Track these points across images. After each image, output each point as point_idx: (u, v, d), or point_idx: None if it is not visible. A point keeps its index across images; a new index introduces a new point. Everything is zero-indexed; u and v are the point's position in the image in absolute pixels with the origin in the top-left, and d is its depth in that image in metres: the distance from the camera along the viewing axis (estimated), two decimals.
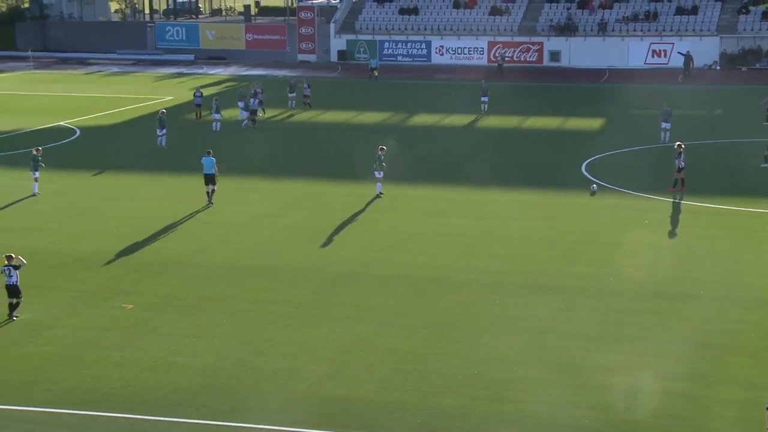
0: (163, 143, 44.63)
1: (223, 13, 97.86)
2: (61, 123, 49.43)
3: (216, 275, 27.11)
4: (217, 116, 49.27)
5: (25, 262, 24.07)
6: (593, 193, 35.26)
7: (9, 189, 36.77)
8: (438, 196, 35.91)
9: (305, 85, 56.80)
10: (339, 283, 26.35)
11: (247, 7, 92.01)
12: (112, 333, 22.94)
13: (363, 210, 33.73)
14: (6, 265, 23.67)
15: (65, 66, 78.62)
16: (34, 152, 36.41)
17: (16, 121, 52.05)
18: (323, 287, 26.10)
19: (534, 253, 28.84)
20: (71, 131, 49.34)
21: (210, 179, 34.22)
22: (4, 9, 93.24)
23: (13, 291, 23.60)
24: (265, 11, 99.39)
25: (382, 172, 34.92)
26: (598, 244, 29.60)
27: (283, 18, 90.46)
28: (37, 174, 35.94)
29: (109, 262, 28.19)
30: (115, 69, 77.32)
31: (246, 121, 49.94)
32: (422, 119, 53.66)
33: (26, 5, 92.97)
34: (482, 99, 54.05)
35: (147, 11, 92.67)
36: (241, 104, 51.20)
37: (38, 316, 23.97)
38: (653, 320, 23.51)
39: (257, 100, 51.38)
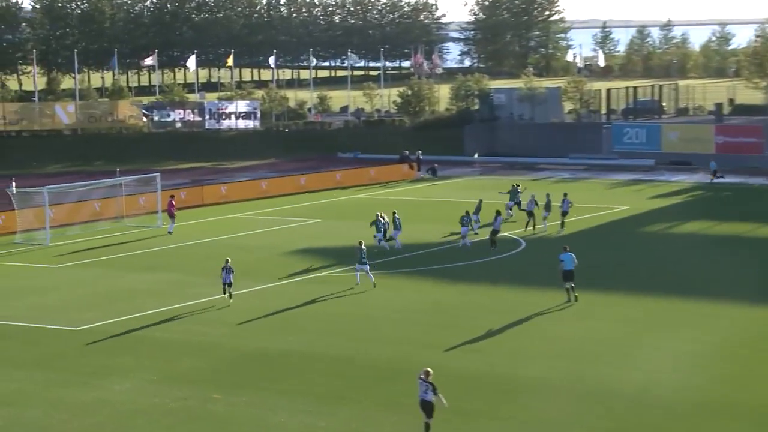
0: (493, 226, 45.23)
1: (691, 112, 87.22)
2: (507, 234, 46.32)
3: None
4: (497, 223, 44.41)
5: (445, 404, 22.62)
6: None
7: None
8: None
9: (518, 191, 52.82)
10: None
11: (718, 105, 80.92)
12: None
13: None
14: (425, 381, 22.65)
15: (512, 171, 72.40)
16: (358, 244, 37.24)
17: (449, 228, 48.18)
18: None
19: None
20: (516, 242, 45.85)
21: (570, 276, 34.08)
22: (454, 111, 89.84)
23: (428, 408, 22.72)
24: (739, 110, 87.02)
25: None
26: None
27: (762, 117, 77.94)
28: (366, 267, 36.83)
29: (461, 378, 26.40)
30: (566, 175, 70.35)
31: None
32: None
33: (476, 107, 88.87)
34: None
35: (603, 111, 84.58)
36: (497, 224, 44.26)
37: None
38: None
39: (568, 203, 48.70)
